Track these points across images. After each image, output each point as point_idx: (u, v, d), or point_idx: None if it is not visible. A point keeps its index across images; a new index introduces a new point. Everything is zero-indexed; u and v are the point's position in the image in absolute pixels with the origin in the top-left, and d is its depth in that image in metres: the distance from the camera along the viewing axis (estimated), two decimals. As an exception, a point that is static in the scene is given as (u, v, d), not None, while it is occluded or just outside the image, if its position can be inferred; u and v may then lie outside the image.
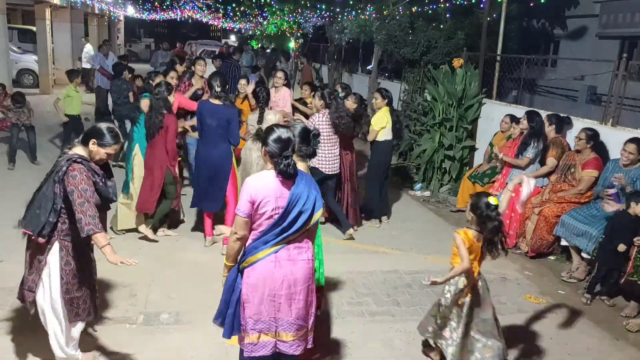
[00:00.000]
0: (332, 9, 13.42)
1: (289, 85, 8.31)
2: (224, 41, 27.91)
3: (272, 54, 18.48)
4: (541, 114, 5.82)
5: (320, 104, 5.60)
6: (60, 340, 3.12)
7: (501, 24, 7.91)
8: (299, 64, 15.34)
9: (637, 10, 12.78)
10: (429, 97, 8.13)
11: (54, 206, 2.93)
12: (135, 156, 5.31)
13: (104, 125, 3.13)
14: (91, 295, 3.20)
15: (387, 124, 5.96)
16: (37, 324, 3.18)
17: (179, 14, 27.50)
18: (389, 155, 6.25)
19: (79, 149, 3.06)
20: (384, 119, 5.96)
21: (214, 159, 4.98)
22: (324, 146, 5.40)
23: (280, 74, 7.30)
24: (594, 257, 4.71)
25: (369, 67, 14.06)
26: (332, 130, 5.50)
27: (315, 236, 2.93)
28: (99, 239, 2.86)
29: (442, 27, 9.93)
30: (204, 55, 18.22)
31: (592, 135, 5.24)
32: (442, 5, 9.82)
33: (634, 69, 5.90)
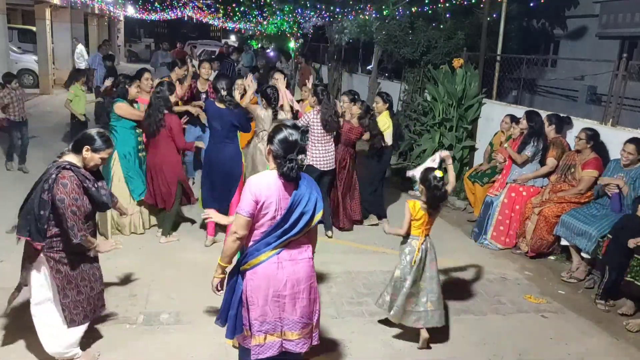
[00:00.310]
0: (332, 9, 13.41)
1: (288, 86, 8.29)
2: (224, 41, 27.90)
3: (275, 55, 18.42)
4: (541, 114, 5.82)
5: (313, 100, 5.64)
6: (60, 340, 3.13)
7: (501, 24, 7.92)
8: (298, 65, 15.32)
9: (637, 10, 12.76)
10: (429, 97, 8.14)
11: (43, 212, 2.94)
12: (114, 161, 5.16)
13: (93, 130, 3.16)
14: (93, 297, 3.20)
15: (389, 127, 6.04)
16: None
17: (179, 14, 27.49)
18: (388, 161, 6.35)
19: (70, 157, 3.06)
20: (386, 123, 6.05)
21: (223, 162, 4.96)
22: (317, 143, 5.43)
23: (277, 75, 7.29)
24: (597, 257, 4.68)
25: (369, 67, 14.06)
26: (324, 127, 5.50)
27: (316, 237, 2.93)
28: (89, 241, 3.04)
29: (442, 27, 9.94)
30: (204, 55, 18.25)
31: (592, 135, 5.24)
32: (442, 5, 9.82)
33: (634, 69, 5.89)
